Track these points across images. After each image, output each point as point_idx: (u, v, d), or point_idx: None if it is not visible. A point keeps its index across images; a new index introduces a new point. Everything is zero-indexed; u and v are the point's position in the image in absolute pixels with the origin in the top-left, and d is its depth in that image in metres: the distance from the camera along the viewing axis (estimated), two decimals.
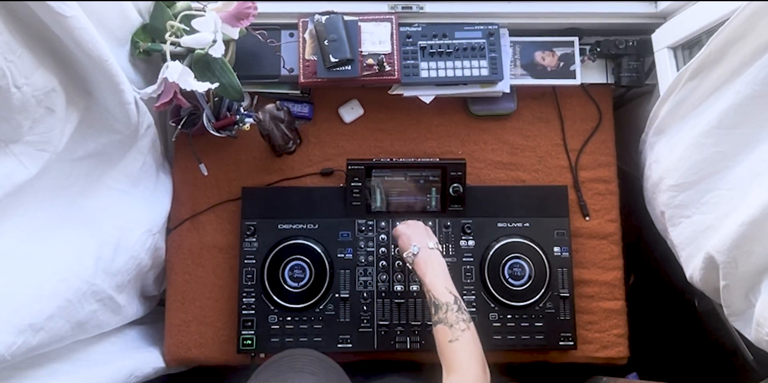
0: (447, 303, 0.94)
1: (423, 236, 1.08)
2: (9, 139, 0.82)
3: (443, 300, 0.94)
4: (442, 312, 0.93)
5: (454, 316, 0.92)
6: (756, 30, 0.88)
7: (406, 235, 1.09)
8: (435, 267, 1.01)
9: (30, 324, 0.86)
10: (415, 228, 1.11)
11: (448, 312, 0.92)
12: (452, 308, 0.93)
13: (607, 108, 1.32)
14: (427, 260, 1.02)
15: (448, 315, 0.92)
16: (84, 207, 1.02)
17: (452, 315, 0.92)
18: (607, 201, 1.29)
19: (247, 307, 1.18)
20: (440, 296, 0.95)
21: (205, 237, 1.26)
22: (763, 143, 0.92)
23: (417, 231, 1.09)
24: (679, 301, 1.35)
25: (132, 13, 1.08)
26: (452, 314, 0.92)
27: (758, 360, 1.13)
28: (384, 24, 1.21)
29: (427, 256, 1.03)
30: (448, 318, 0.92)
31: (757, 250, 0.88)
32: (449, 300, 0.94)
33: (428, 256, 1.03)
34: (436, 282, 0.98)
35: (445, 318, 0.92)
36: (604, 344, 1.23)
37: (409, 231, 1.10)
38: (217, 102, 1.21)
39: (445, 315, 0.92)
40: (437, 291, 0.96)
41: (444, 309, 0.93)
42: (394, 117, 1.31)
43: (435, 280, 0.98)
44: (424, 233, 1.10)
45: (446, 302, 0.94)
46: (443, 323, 0.92)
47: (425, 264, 1.02)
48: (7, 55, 0.76)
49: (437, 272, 1.00)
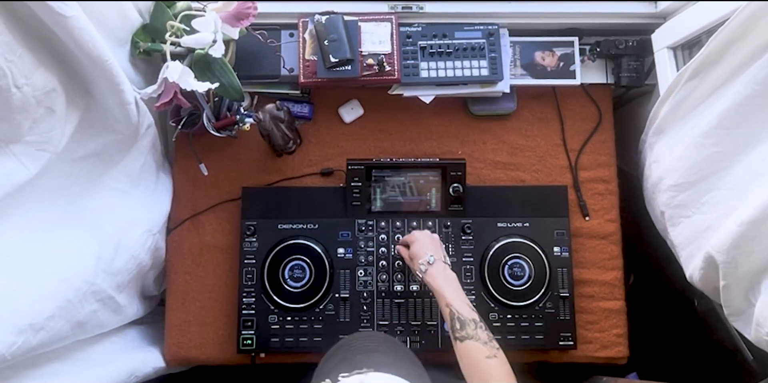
0: (474, 319, 0.93)
1: (438, 248, 1.07)
2: (9, 139, 0.82)
3: (469, 316, 0.93)
4: (471, 328, 0.91)
5: (485, 334, 0.91)
6: (756, 30, 0.88)
7: (422, 243, 1.07)
8: (453, 283, 1.00)
9: (30, 324, 0.86)
10: (431, 238, 1.10)
11: (478, 330, 0.91)
12: (480, 326, 0.92)
13: (607, 108, 1.32)
14: (443, 274, 1.01)
15: (479, 332, 0.91)
16: (84, 207, 1.02)
17: (483, 333, 0.91)
18: (606, 201, 1.29)
19: (247, 307, 1.18)
20: (464, 312, 0.94)
21: (205, 237, 1.26)
22: (762, 143, 0.93)
23: (434, 243, 1.08)
24: (679, 301, 1.35)
25: (132, 13, 1.08)
26: (482, 332, 0.91)
27: (758, 359, 1.13)
28: (384, 24, 1.21)
29: (443, 269, 1.02)
30: (479, 335, 0.91)
31: (757, 250, 0.89)
32: (475, 317, 0.93)
33: (444, 270, 1.02)
34: (456, 298, 0.97)
35: (475, 335, 0.91)
36: (604, 344, 1.23)
37: (425, 239, 1.08)
38: (217, 102, 1.21)
39: (474, 331, 0.91)
40: (460, 307, 0.95)
41: (473, 326, 0.92)
42: (394, 117, 1.31)
43: (455, 296, 0.97)
44: (440, 245, 1.09)
45: (473, 319, 0.93)
46: (474, 339, 0.90)
47: (442, 277, 1.00)
48: (7, 55, 0.76)
49: (457, 288, 0.99)
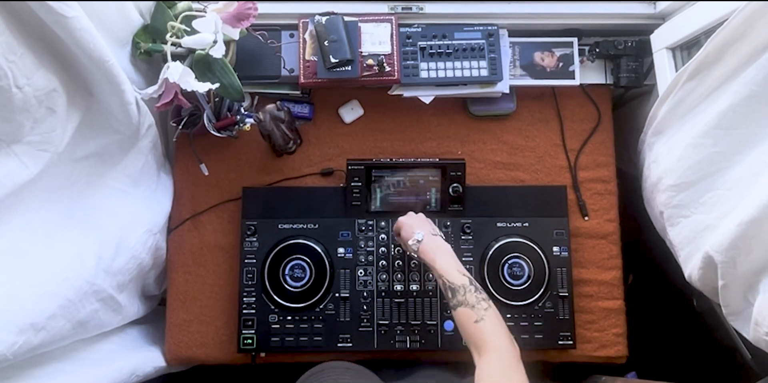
0: (463, 285, 0.93)
1: (425, 224, 1.08)
2: (10, 139, 0.82)
3: (459, 282, 0.93)
4: (460, 294, 0.92)
5: (473, 297, 0.91)
6: (754, 31, 0.88)
7: (408, 225, 1.08)
8: (443, 252, 1.00)
9: (31, 323, 0.86)
10: (416, 218, 1.11)
11: (467, 294, 0.91)
12: (469, 289, 0.92)
13: (606, 108, 1.33)
14: (433, 246, 1.02)
15: (467, 296, 0.91)
16: (85, 207, 1.02)
17: (471, 296, 0.91)
18: (606, 201, 1.29)
19: (247, 307, 1.18)
20: (455, 279, 0.94)
21: (205, 236, 1.26)
22: (761, 143, 0.93)
23: (419, 221, 1.09)
24: (678, 301, 1.35)
25: (133, 14, 1.08)
26: (471, 295, 0.91)
27: (756, 359, 1.13)
28: (384, 25, 1.22)
29: (432, 242, 1.02)
30: (467, 299, 0.91)
31: (756, 250, 0.89)
32: (464, 281, 0.94)
33: (433, 242, 1.03)
34: (446, 266, 0.97)
35: (465, 300, 0.91)
36: (603, 343, 1.23)
37: (410, 220, 1.09)
38: (217, 102, 1.22)
39: (464, 297, 0.91)
40: (450, 274, 0.95)
41: (462, 291, 0.92)
42: (394, 117, 1.31)
43: (445, 265, 0.97)
44: (426, 221, 1.10)
45: (462, 284, 0.93)
46: (464, 305, 0.91)
47: (432, 250, 1.01)
48: (8, 55, 0.76)
49: (446, 256, 1.00)
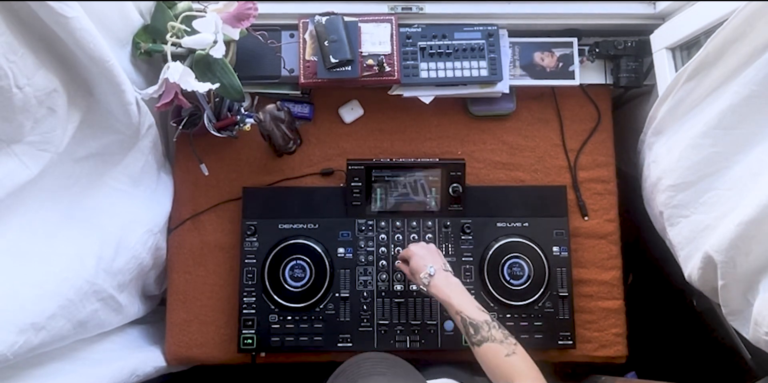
0: (486, 321, 0.93)
1: (437, 257, 1.06)
2: (11, 139, 0.82)
3: (481, 318, 0.93)
4: (485, 330, 0.91)
5: (499, 333, 0.91)
6: (754, 31, 0.88)
7: (419, 255, 1.06)
8: (458, 289, 0.99)
9: (32, 323, 0.86)
10: (428, 249, 1.09)
11: (492, 330, 0.91)
12: (494, 325, 0.92)
13: (606, 108, 1.33)
14: (446, 282, 1.00)
15: (493, 332, 0.91)
16: (85, 207, 1.02)
17: (497, 332, 0.91)
18: (605, 201, 1.29)
19: (247, 306, 1.19)
20: (475, 316, 0.94)
21: (206, 236, 1.26)
22: (761, 143, 0.93)
23: (431, 253, 1.07)
24: (678, 301, 1.35)
25: (133, 14, 1.08)
26: (497, 331, 0.91)
27: (756, 359, 1.13)
28: (384, 25, 1.22)
29: (444, 278, 1.01)
30: (494, 335, 0.91)
31: (755, 250, 0.89)
32: (486, 318, 0.93)
33: (446, 278, 1.01)
34: (464, 303, 0.96)
35: (490, 336, 0.91)
36: (603, 343, 1.23)
37: (422, 251, 1.07)
38: (217, 102, 1.22)
39: (489, 333, 0.91)
40: (470, 311, 0.94)
41: (486, 327, 0.92)
42: (394, 117, 1.31)
43: (463, 302, 0.97)
44: (437, 254, 1.08)
45: (485, 320, 0.93)
46: (490, 341, 0.90)
47: (446, 286, 1.00)
48: (8, 55, 0.76)
49: (462, 293, 0.99)
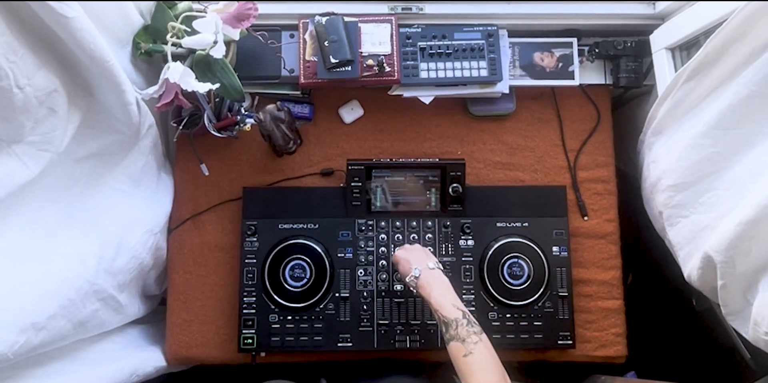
0: (456, 319, 0.93)
1: (422, 258, 1.06)
2: (11, 139, 0.83)
3: (452, 316, 0.94)
4: (453, 328, 0.92)
5: (464, 331, 0.91)
6: (753, 31, 0.89)
7: (404, 260, 1.07)
8: (438, 286, 1.00)
9: (32, 323, 0.86)
10: (413, 251, 1.09)
11: (459, 328, 0.92)
12: (461, 323, 0.92)
13: (606, 108, 1.33)
14: (429, 280, 1.01)
15: (459, 330, 0.92)
16: (86, 207, 1.02)
17: (462, 330, 0.92)
18: (605, 201, 1.29)
19: (247, 306, 1.19)
20: (448, 313, 0.94)
21: (206, 236, 1.26)
22: (760, 143, 0.93)
23: (416, 254, 1.08)
24: (677, 300, 1.35)
25: (133, 14, 1.08)
26: (462, 329, 0.92)
27: (755, 358, 1.13)
28: (384, 25, 1.22)
29: (429, 276, 1.02)
30: (459, 333, 0.91)
31: (755, 250, 0.89)
32: (458, 315, 0.94)
33: (430, 276, 1.02)
34: (441, 300, 0.97)
35: (456, 335, 0.91)
36: (603, 343, 1.24)
37: (407, 255, 1.08)
38: (218, 102, 1.22)
39: (456, 331, 0.92)
40: (444, 309, 0.95)
41: (454, 325, 0.92)
42: (394, 117, 1.32)
43: (440, 299, 0.97)
44: (423, 254, 1.08)
45: (455, 318, 0.93)
46: (456, 339, 0.91)
47: (428, 284, 1.00)
48: (9, 55, 0.76)
49: (441, 290, 0.99)
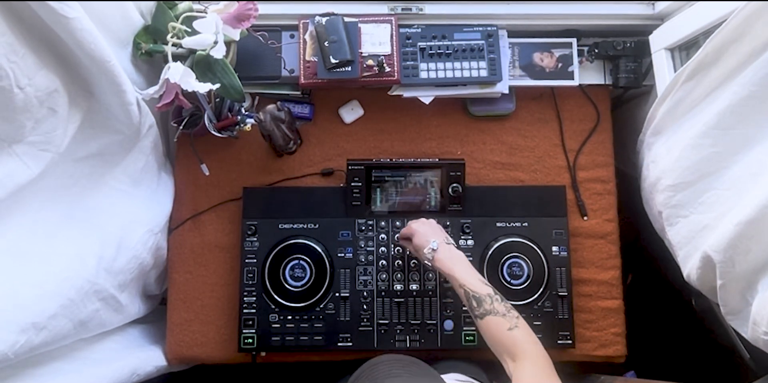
0: (489, 294, 0.93)
1: (438, 232, 1.08)
2: (12, 139, 0.83)
3: (483, 291, 0.93)
4: (488, 303, 0.91)
5: (502, 306, 0.91)
6: (752, 31, 0.89)
7: (420, 232, 1.07)
8: (461, 262, 1.00)
9: (33, 322, 0.86)
10: (429, 225, 1.10)
11: (494, 303, 0.91)
12: (496, 298, 0.92)
13: (605, 109, 1.33)
14: (450, 255, 1.01)
15: (495, 305, 0.91)
16: (86, 207, 1.02)
17: (499, 305, 0.91)
18: (605, 201, 1.29)
19: (248, 306, 1.19)
20: (478, 289, 0.94)
21: (206, 236, 1.26)
22: (759, 143, 0.93)
23: (432, 228, 1.09)
24: (677, 300, 1.35)
25: (134, 15, 1.08)
26: (499, 304, 0.91)
27: (755, 358, 1.13)
28: (384, 25, 1.22)
29: (447, 251, 1.02)
30: (496, 308, 0.90)
31: (754, 250, 0.89)
32: (489, 291, 0.93)
33: (449, 251, 1.02)
34: (467, 276, 0.96)
35: (493, 309, 0.90)
36: (602, 343, 1.24)
37: (423, 228, 1.08)
38: (218, 103, 1.22)
39: (491, 306, 0.91)
40: (473, 284, 0.95)
41: (489, 300, 0.92)
42: (394, 117, 1.32)
43: (466, 274, 0.97)
44: (439, 229, 1.09)
45: (487, 293, 0.93)
46: (493, 314, 0.90)
47: (450, 259, 1.00)
48: (10, 55, 0.76)
49: (465, 266, 0.99)
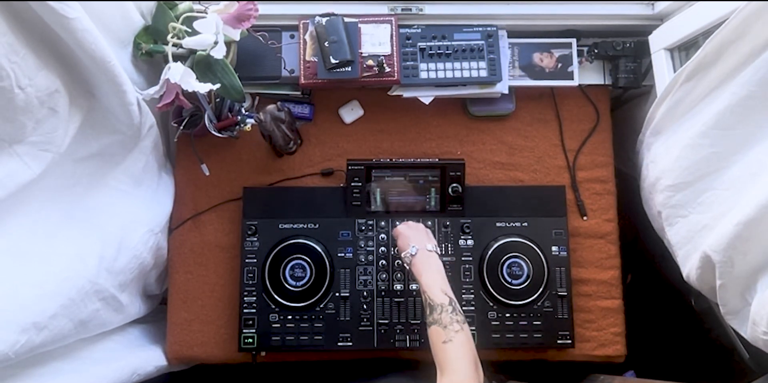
0: (441, 304, 0.94)
1: (422, 238, 1.08)
2: (13, 140, 0.83)
3: (438, 301, 0.95)
4: (437, 313, 0.93)
5: (448, 317, 0.92)
6: (752, 32, 0.89)
7: (405, 236, 1.09)
8: (431, 269, 1.02)
9: (33, 322, 0.87)
10: (415, 229, 1.11)
11: (443, 314, 0.93)
12: (447, 309, 0.93)
13: (605, 109, 1.33)
14: (424, 261, 1.03)
15: (443, 316, 0.93)
16: (87, 206, 1.03)
17: (446, 316, 0.92)
18: (604, 201, 1.30)
19: (248, 306, 1.19)
20: (435, 297, 0.96)
21: (206, 236, 1.26)
22: (758, 143, 0.93)
23: (417, 233, 1.10)
24: (676, 300, 1.35)
25: (134, 15, 1.08)
26: (446, 315, 0.92)
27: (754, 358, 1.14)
28: (384, 26, 1.22)
29: (425, 258, 1.04)
30: (442, 319, 0.92)
31: (753, 250, 0.89)
32: (444, 301, 0.95)
33: (426, 258, 1.04)
34: (431, 283, 0.98)
35: (439, 319, 0.92)
36: (602, 342, 1.24)
37: (408, 231, 1.10)
38: (218, 103, 1.22)
39: (439, 316, 0.93)
40: (432, 292, 0.97)
41: (438, 310, 0.94)
42: (394, 118, 1.32)
43: (430, 282, 0.99)
44: (424, 235, 1.10)
45: (441, 303, 0.94)
46: (437, 324, 0.92)
47: (422, 265, 1.02)
48: (10, 56, 0.76)
49: (433, 274, 1.01)
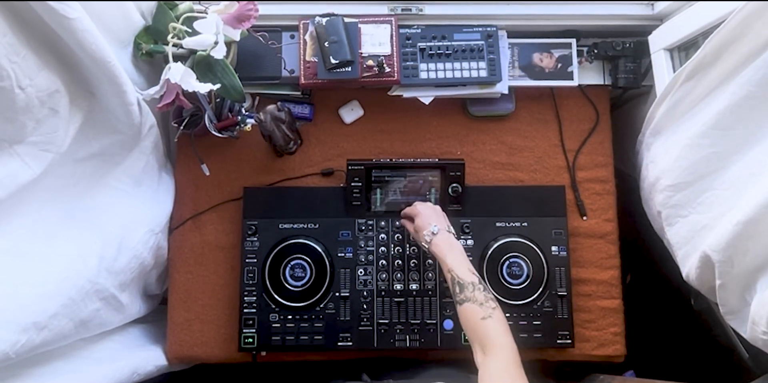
0: (472, 282, 0.95)
1: (441, 218, 1.10)
2: (13, 140, 0.83)
3: (468, 279, 0.95)
4: (469, 291, 0.94)
5: (482, 295, 0.93)
6: (751, 32, 0.89)
7: (425, 215, 1.09)
8: (456, 249, 1.02)
9: (34, 322, 0.87)
10: (434, 210, 1.12)
11: (476, 291, 0.93)
12: (479, 287, 0.94)
13: (605, 109, 1.33)
14: (448, 241, 1.03)
15: (476, 294, 0.93)
16: (87, 207, 1.03)
17: (480, 294, 0.93)
18: (604, 201, 1.30)
19: (248, 306, 1.19)
20: (464, 275, 0.96)
21: (206, 236, 1.27)
22: (758, 143, 0.93)
23: (437, 213, 1.11)
24: (676, 300, 1.36)
25: (134, 15, 1.08)
26: (480, 293, 0.93)
27: (753, 358, 1.14)
28: (384, 26, 1.22)
29: (447, 238, 1.04)
30: (476, 296, 0.93)
31: (753, 249, 0.89)
32: (474, 279, 0.95)
33: (448, 239, 1.04)
34: (457, 263, 0.99)
35: (473, 297, 0.93)
36: (602, 342, 1.24)
37: (428, 211, 1.11)
38: (218, 103, 1.22)
39: (472, 293, 0.93)
40: (460, 271, 0.97)
41: (470, 288, 0.94)
42: (394, 118, 1.32)
43: (456, 261, 0.99)
44: (443, 216, 1.11)
45: (471, 281, 0.95)
46: (471, 301, 0.92)
47: (444, 244, 1.03)
48: (11, 56, 0.76)
49: (458, 253, 1.01)
